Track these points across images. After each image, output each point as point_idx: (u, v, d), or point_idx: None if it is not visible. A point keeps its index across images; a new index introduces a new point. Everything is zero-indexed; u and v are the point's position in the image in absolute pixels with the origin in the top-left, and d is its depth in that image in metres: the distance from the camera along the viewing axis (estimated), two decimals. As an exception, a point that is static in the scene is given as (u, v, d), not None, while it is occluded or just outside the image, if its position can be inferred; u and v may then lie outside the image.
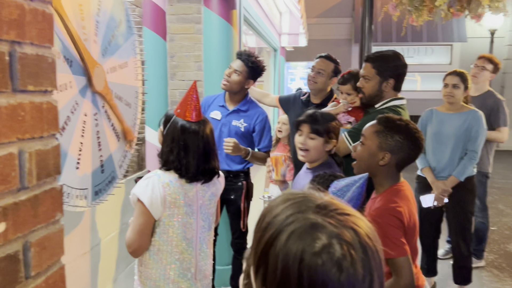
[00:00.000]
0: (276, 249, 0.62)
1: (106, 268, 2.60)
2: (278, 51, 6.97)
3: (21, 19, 0.63)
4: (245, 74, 2.70)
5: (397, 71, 2.04)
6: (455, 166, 2.96)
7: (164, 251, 1.73)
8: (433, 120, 3.08)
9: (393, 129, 1.55)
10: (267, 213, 0.67)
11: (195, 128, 1.76)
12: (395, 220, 1.47)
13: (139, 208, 1.68)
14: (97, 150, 2.15)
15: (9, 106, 0.62)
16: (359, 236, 0.63)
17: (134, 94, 2.54)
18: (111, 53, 2.23)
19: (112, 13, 2.21)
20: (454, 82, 2.96)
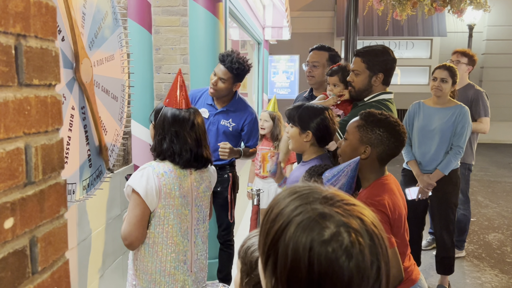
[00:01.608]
0: (285, 239, 0.63)
1: (93, 263, 2.58)
2: (261, 44, 6.96)
3: (26, 12, 0.62)
4: (230, 80, 2.69)
5: (387, 65, 2.07)
6: (440, 160, 3.03)
7: (159, 243, 1.72)
8: (420, 113, 3.13)
9: (373, 122, 1.58)
10: (275, 205, 0.69)
11: (185, 115, 1.77)
12: (379, 213, 1.50)
13: (135, 200, 1.67)
14: (85, 144, 2.12)
15: (16, 100, 0.61)
16: (366, 224, 0.65)
17: (120, 88, 2.51)
18: (97, 45, 2.19)
19: (99, 5, 2.18)
20: (442, 76, 3.01)
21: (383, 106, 2.00)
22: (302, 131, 1.87)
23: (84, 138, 2.12)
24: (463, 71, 3.60)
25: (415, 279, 1.64)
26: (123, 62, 2.55)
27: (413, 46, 12.31)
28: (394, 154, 1.61)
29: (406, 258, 1.61)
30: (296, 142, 1.90)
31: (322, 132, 1.86)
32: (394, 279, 1.48)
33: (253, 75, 6.91)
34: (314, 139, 1.87)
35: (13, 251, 0.61)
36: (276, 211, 0.67)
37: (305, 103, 1.95)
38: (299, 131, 1.88)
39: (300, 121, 1.87)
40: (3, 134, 0.58)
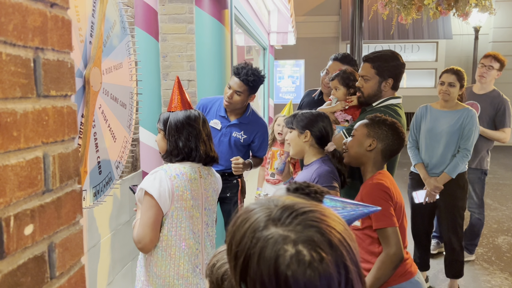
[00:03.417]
0: (251, 275, 0.63)
1: (102, 270, 2.60)
2: (267, 50, 6.99)
3: (44, 26, 0.65)
4: (246, 93, 2.66)
5: (396, 70, 2.09)
6: (447, 163, 3.02)
7: (173, 246, 1.74)
8: (428, 116, 3.13)
9: (380, 121, 1.74)
10: (233, 240, 0.68)
11: (195, 113, 1.82)
12: (383, 193, 1.61)
13: (148, 202, 1.69)
14: (95, 151, 2.15)
15: (35, 111, 0.63)
16: (323, 232, 0.63)
17: (129, 95, 2.54)
18: (106, 54, 2.23)
19: (107, 14, 2.21)
20: (450, 80, 3.01)
21: (391, 111, 2.01)
22: (301, 132, 1.90)
23: (93, 145, 2.15)
24: (493, 76, 3.54)
25: (414, 272, 1.68)
26: (131, 70, 2.59)
27: (418, 49, 12.30)
28: (395, 151, 1.75)
29: (404, 250, 1.64)
30: (296, 145, 1.93)
31: (321, 132, 1.90)
32: (395, 257, 1.54)
33: (259, 81, 6.94)
34: (313, 140, 1.90)
35: (33, 256, 0.63)
36: (235, 248, 0.67)
37: (302, 110, 1.99)
38: (297, 133, 1.92)
39: (298, 123, 1.91)
40: (23, 144, 0.61)
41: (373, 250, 1.62)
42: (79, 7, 1.96)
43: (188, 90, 3.33)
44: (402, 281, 1.61)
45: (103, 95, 2.21)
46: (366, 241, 1.63)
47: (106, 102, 2.26)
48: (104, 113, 2.24)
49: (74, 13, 1.93)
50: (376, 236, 1.59)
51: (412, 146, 3.19)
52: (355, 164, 1.78)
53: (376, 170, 1.73)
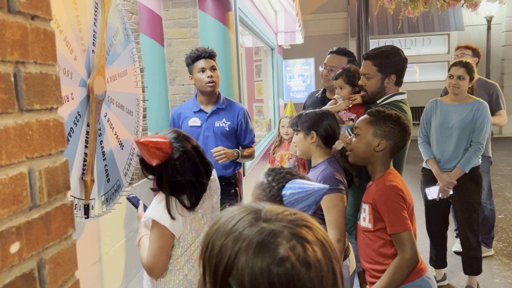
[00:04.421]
0: (239, 271, 0.61)
1: (116, 276, 2.61)
2: (275, 50, 6.96)
3: (24, 39, 0.64)
4: (216, 66, 2.67)
5: (398, 66, 2.04)
6: (460, 158, 2.96)
7: (180, 261, 1.70)
8: (438, 111, 3.07)
9: (385, 117, 1.69)
10: (215, 237, 0.66)
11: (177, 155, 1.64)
12: (397, 196, 1.57)
13: (159, 231, 1.61)
14: (102, 160, 2.15)
15: (17, 126, 0.62)
16: (314, 231, 0.64)
17: (135, 102, 2.55)
18: (110, 62, 2.23)
19: (109, 22, 2.22)
20: (459, 73, 2.95)
21: (396, 108, 1.97)
22: (307, 134, 1.87)
23: (100, 154, 2.15)
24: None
25: (425, 268, 1.65)
26: (136, 77, 2.59)
27: (430, 42, 12.13)
28: (403, 146, 1.72)
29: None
30: (303, 147, 1.90)
31: (327, 132, 1.85)
32: (411, 262, 1.52)
33: (268, 81, 6.92)
34: (320, 140, 1.86)
35: (21, 274, 0.62)
36: (219, 243, 0.64)
37: (306, 110, 1.95)
38: (303, 135, 1.88)
39: (303, 124, 1.88)
40: (5, 161, 0.60)
41: (385, 252, 1.59)
42: (80, 16, 1.97)
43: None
44: (415, 278, 1.58)
45: (108, 103, 2.22)
46: (378, 243, 1.60)
47: (112, 110, 2.26)
48: (110, 121, 2.24)
49: (75, 22, 1.94)
50: (389, 239, 1.55)
51: (423, 141, 3.13)
52: (361, 163, 1.75)
53: (385, 169, 1.69)
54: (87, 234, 2.28)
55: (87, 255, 2.29)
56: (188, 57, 2.65)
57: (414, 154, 3.18)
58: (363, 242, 1.66)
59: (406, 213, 1.55)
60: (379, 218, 1.57)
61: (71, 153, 1.87)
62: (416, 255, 1.53)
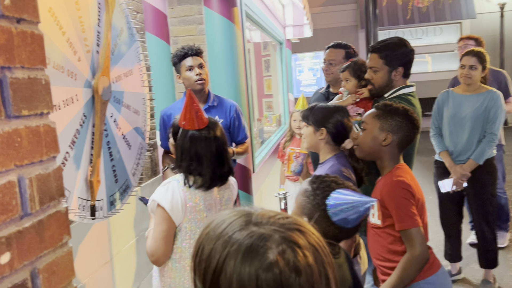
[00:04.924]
0: (227, 275, 0.59)
1: (128, 276, 2.62)
2: (283, 44, 6.91)
3: (9, 43, 0.62)
4: (204, 63, 2.63)
5: (405, 58, 1.99)
6: (474, 149, 2.90)
7: (186, 258, 1.71)
8: (450, 102, 3.01)
9: (392, 111, 1.64)
10: (205, 241, 0.65)
11: (205, 134, 1.72)
12: (405, 191, 1.53)
13: (160, 215, 1.65)
14: (109, 160, 2.15)
15: (4, 133, 0.60)
16: (306, 235, 0.62)
17: (141, 101, 2.54)
18: (115, 62, 2.22)
19: (113, 22, 2.20)
20: (471, 63, 2.88)
21: (405, 102, 1.92)
22: (317, 129, 1.84)
23: (108, 154, 2.15)
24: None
25: (438, 265, 1.61)
26: (142, 76, 2.58)
27: (441, 31, 11.93)
28: (411, 140, 1.67)
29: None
30: (311, 141, 1.87)
31: (337, 129, 1.82)
32: (420, 259, 1.48)
33: (277, 75, 6.88)
34: (329, 137, 1.83)
35: (12, 285, 0.60)
36: (209, 247, 0.63)
37: (319, 103, 1.91)
38: (313, 129, 1.85)
39: (314, 119, 1.84)
40: (-8, 169, 0.58)
41: (395, 249, 1.56)
42: (83, 17, 1.96)
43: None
44: (427, 275, 1.54)
45: (114, 103, 2.21)
46: (388, 239, 1.56)
47: (118, 110, 2.26)
48: (116, 121, 2.24)
49: (78, 23, 1.93)
50: (398, 235, 1.52)
51: (436, 133, 3.07)
52: (369, 159, 1.71)
53: (394, 164, 1.64)
54: (98, 234, 2.29)
55: (98, 255, 2.29)
56: (174, 56, 2.61)
57: (427, 145, 3.12)
58: (373, 239, 1.63)
59: (415, 209, 1.51)
60: (388, 214, 1.53)
61: (77, 155, 1.87)
62: (426, 251, 1.49)
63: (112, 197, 2.18)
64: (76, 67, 1.88)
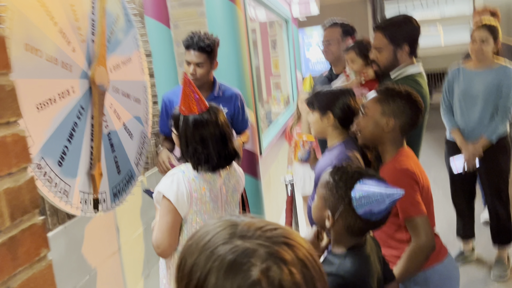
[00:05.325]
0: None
1: (137, 265, 2.62)
2: (289, 22, 6.77)
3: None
4: (207, 61, 2.45)
5: (411, 35, 1.90)
6: (486, 127, 2.80)
7: None
8: (461, 78, 2.90)
9: (393, 94, 1.57)
10: (188, 255, 0.60)
11: (207, 117, 1.70)
12: (409, 179, 1.47)
13: (166, 206, 1.63)
14: (111, 152, 2.12)
15: (-38, 149, 0.56)
16: (294, 249, 0.57)
17: (142, 89, 2.49)
18: (111, 50, 2.16)
19: (108, 9, 2.14)
20: (482, 37, 2.76)
21: (410, 83, 1.84)
22: (323, 115, 1.77)
23: (109, 146, 2.11)
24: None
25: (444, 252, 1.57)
26: (142, 63, 2.52)
27: (453, 1, 11.58)
28: (415, 124, 1.60)
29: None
30: (318, 127, 1.81)
31: (344, 113, 1.75)
32: (425, 248, 1.43)
33: (284, 55, 6.76)
34: (336, 122, 1.76)
35: (-18, 309, 0.57)
36: (191, 261, 0.59)
37: (323, 88, 1.84)
38: (319, 115, 1.79)
39: (320, 104, 1.78)
40: (-50, 189, 0.54)
41: (400, 238, 1.51)
42: (76, 6, 1.90)
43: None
44: (434, 263, 1.49)
45: (113, 93, 2.16)
46: (392, 228, 1.51)
47: (118, 100, 2.21)
48: (116, 111, 2.19)
49: (71, 13, 1.87)
50: (403, 223, 1.47)
51: (446, 111, 2.98)
52: (371, 144, 1.65)
53: (396, 149, 1.58)
54: (104, 225, 2.28)
55: (106, 246, 2.29)
56: (183, 40, 2.51)
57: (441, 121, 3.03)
58: (378, 227, 1.58)
59: (420, 197, 1.46)
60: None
61: (76, 148, 1.84)
62: (432, 240, 1.44)
63: (116, 189, 2.16)
64: (71, 58, 1.83)
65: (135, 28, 2.44)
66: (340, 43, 2.73)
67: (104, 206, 2.01)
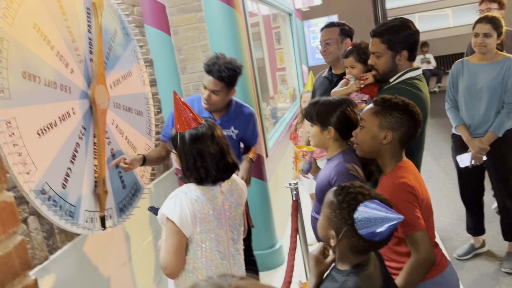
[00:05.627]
0: None
1: (148, 273, 2.66)
2: (293, 15, 6.71)
3: None
4: (224, 90, 2.34)
5: (410, 40, 1.87)
6: (492, 121, 2.76)
7: (200, 268, 1.71)
8: (465, 72, 2.85)
9: (390, 106, 1.55)
10: None
11: (202, 131, 1.71)
12: (408, 194, 1.47)
13: (171, 228, 1.65)
14: (114, 168, 2.14)
15: None
16: None
17: (143, 101, 2.50)
18: (111, 67, 2.18)
19: (105, 25, 2.15)
20: (485, 30, 2.70)
21: (410, 87, 1.82)
22: (323, 128, 1.77)
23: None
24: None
25: (444, 264, 1.56)
26: (142, 75, 2.54)
27: (461, -18, 11.35)
28: (413, 135, 1.58)
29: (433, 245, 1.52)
30: (319, 140, 1.81)
31: (345, 125, 1.75)
32: (425, 262, 1.44)
33: (288, 48, 6.71)
34: (337, 134, 1.76)
35: None
36: None
37: (321, 99, 1.82)
38: (320, 129, 1.78)
39: (319, 118, 1.77)
40: None
41: (400, 251, 1.51)
42: (72, 27, 1.91)
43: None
44: (435, 275, 1.50)
45: (114, 109, 2.18)
46: (392, 241, 1.51)
47: (119, 115, 2.23)
48: (118, 127, 2.22)
49: (67, 34, 1.88)
50: (403, 237, 1.47)
51: (451, 106, 2.94)
52: (370, 157, 1.64)
53: (396, 162, 1.57)
54: (114, 236, 2.32)
55: (116, 256, 2.33)
56: (205, 62, 2.39)
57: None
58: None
59: (419, 212, 1.45)
60: None
61: (80, 169, 1.87)
62: (432, 255, 1.44)
63: (121, 203, 2.19)
64: (69, 79, 1.85)
65: (134, 40, 2.45)
66: (338, 43, 2.71)
67: (110, 222, 2.04)
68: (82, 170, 1.88)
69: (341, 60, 2.62)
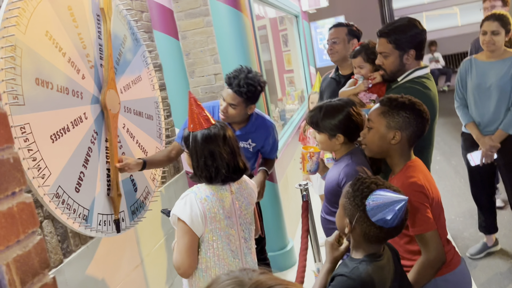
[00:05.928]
0: None
1: (160, 275, 2.68)
2: (299, 17, 6.72)
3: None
4: (242, 105, 2.29)
5: (417, 39, 1.87)
6: (502, 119, 2.74)
7: (212, 267, 1.73)
8: (473, 71, 2.84)
9: (397, 106, 1.55)
10: None
11: (215, 132, 1.73)
12: (418, 194, 1.47)
13: (182, 228, 1.68)
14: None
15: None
16: None
17: (153, 105, 2.54)
18: (121, 72, 2.21)
19: (114, 31, 2.18)
20: (493, 28, 2.69)
21: (418, 85, 1.82)
22: (331, 136, 1.78)
23: (124, 165, 2.16)
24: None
25: (456, 262, 1.56)
26: (152, 79, 2.57)
27: (468, -20, 11.28)
28: (422, 134, 1.59)
29: (444, 243, 1.53)
30: (327, 147, 1.83)
31: (352, 130, 1.77)
32: (435, 262, 1.45)
33: (296, 50, 6.72)
34: (345, 139, 1.78)
35: None
36: None
37: (324, 104, 1.83)
38: (327, 136, 1.79)
39: (326, 127, 1.78)
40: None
41: (411, 249, 1.51)
42: (83, 33, 1.95)
43: (216, 84, 3.27)
44: (446, 272, 1.49)
45: (125, 113, 2.21)
46: (403, 239, 1.52)
47: (130, 119, 2.26)
48: (129, 131, 2.25)
49: (78, 41, 1.92)
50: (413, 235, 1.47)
51: (460, 105, 2.93)
52: (378, 157, 1.65)
53: (405, 161, 1.57)
54: (126, 239, 2.34)
55: (129, 259, 2.36)
56: (227, 74, 2.36)
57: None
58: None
59: (430, 212, 1.45)
60: None
61: (93, 173, 1.90)
62: (442, 254, 1.44)
63: (133, 206, 2.22)
64: (81, 85, 1.88)
65: (143, 45, 2.48)
66: (345, 42, 2.70)
67: (123, 225, 2.07)
68: (95, 173, 1.91)
69: (348, 60, 2.63)
